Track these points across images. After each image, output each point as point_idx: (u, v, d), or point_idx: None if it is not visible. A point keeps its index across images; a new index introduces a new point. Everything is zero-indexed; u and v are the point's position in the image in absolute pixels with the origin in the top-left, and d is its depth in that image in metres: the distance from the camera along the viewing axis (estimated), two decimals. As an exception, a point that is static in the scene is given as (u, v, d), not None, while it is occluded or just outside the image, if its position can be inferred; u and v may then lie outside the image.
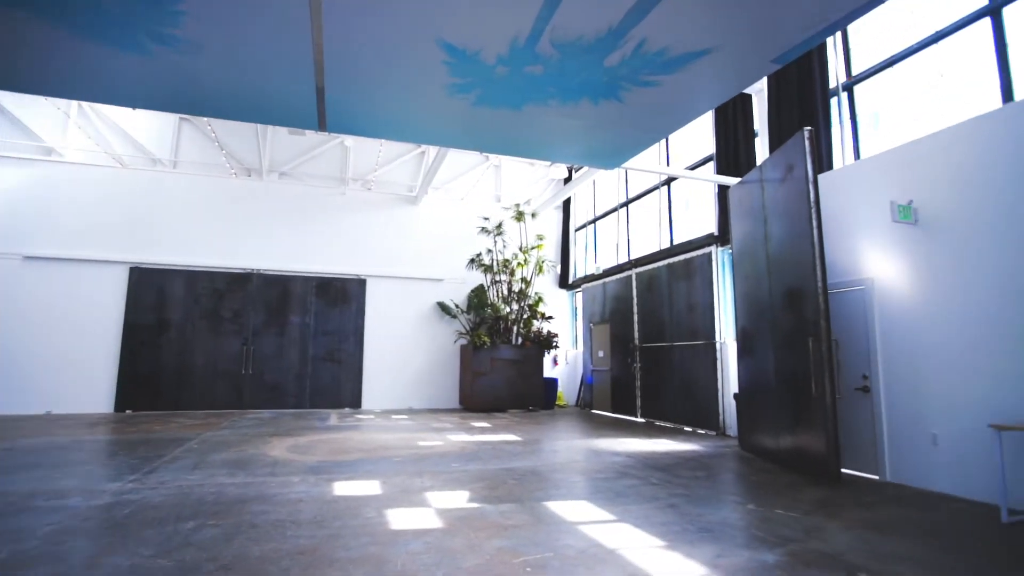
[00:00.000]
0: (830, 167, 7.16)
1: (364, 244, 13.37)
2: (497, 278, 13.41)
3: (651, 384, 10.92)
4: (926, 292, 5.50)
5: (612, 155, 6.64)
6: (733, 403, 8.25)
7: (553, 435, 8.91)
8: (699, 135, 10.50)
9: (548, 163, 14.56)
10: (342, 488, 5.03)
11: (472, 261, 13.37)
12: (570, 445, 7.92)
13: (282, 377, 12.21)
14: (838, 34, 7.56)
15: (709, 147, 9.92)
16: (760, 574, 3.15)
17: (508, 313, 13.14)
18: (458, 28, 3.95)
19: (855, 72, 7.43)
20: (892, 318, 5.81)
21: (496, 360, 12.42)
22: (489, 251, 13.50)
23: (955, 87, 6.27)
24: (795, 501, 4.80)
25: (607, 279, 13.02)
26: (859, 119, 7.33)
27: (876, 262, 6.03)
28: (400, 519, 4.11)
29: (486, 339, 12.33)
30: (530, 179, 15.56)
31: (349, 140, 13.09)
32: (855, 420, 6.11)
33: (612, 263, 13.43)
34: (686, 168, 10.50)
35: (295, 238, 12.80)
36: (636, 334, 11.53)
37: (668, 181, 11.40)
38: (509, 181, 15.35)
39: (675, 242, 11.04)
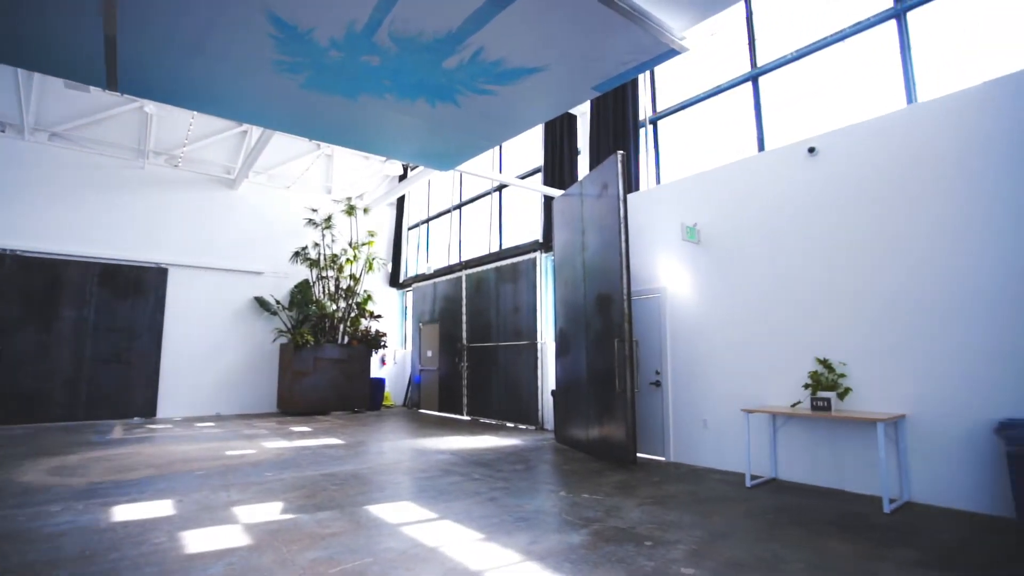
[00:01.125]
0: (637, 188, 8.17)
1: (167, 228, 11.58)
2: (324, 274, 12.66)
3: (477, 383, 11.28)
4: (702, 301, 6.58)
5: (447, 157, 6.73)
6: (551, 399, 8.91)
7: (379, 436, 8.69)
8: (530, 147, 11.16)
9: (383, 159, 14.18)
10: (122, 513, 4.29)
11: (297, 255, 12.44)
12: (396, 446, 7.80)
13: (45, 383, 9.95)
14: (647, 75, 8.66)
15: (539, 159, 10.60)
16: (567, 554, 3.45)
17: (335, 311, 12.49)
18: (289, 1, 3.66)
19: (659, 109, 8.58)
20: (678, 322, 6.83)
21: (320, 360, 11.72)
22: (316, 245, 12.69)
23: (731, 131, 7.60)
24: (599, 485, 5.36)
25: (438, 279, 13.13)
26: (661, 149, 8.48)
27: (668, 273, 7.04)
28: (198, 541, 3.65)
29: (310, 338, 11.56)
30: (364, 173, 14.99)
31: (151, 106, 11.19)
32: (649, 411, 7.04)
33: (444, 264, 13.57)
34: (517, 177, 11.07)
35: (72, 215, 10.56)
36: (464, 334, 11.81)
37: (500, 188, 11.91)
38: (341, 173, 14.60)
39: (504, 246, 11.57)
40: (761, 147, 7.08)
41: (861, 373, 5.13)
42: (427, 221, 15.01)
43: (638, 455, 6.63)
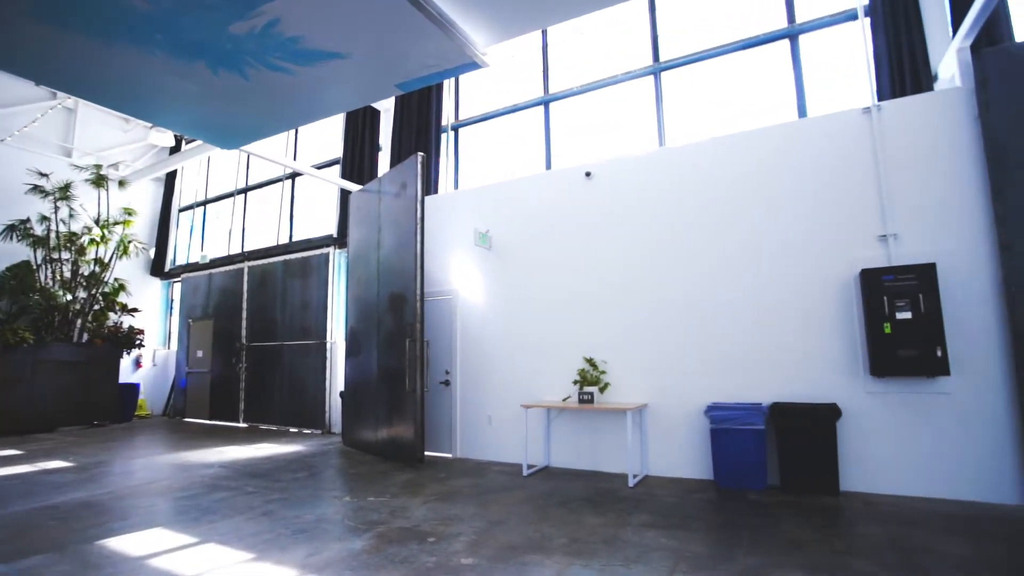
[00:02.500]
0: (436, 191, 8.33)
1: None
2: (55, 255, 10.18)
3: (258, 385, 10.25)
4: (491, 304, 7.01)
5: (231, 134, 6.00)
6: (339, 401, 8.54)
7: (127, 453, 7.31)
8: (330, 137, 10.57)
9: (149, 124, 11.99)
10: None
11: (12, 229, 9.78)
12: (150, 463, 6.65)
13: None
14: (452, 82, 8.91)
15: (338, 150, 10.10)
16: (348, 561, 3.35)
17: (70, 302, 10.12)
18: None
19: (462, 117, 8.89)
20: (469, 323, 7.16)
21: (44, 362, 9.40)
22: (45, 219, 10.15)
23: (526, 148, 8.24)
24: (386, 487, 5.31)
25: (215, 270, 11.60)
26: (461, 156, 8.78)
27: (461, 276, 7.33)
28: None
29: (26, 335, 9.17)
30: (122, 138, 12.48)
31: None
32: (439, 409, 7.22)
33: (223, 253, 12.05)
34: (313, 166, 10.39)
35: None
36: (244, 332, 10.64)
37: (293, 176, 11.03)
38: (89, 133, 11.93)
39: (295, 239, 10.75)
40: (548, 166, 7.83)
41: (619, 370, 6.02)
42: (204, 204, 13.15)
43: (426, 453, 6.75)
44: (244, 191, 12.07)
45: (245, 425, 10.27)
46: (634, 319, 6.00)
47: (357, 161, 9.49)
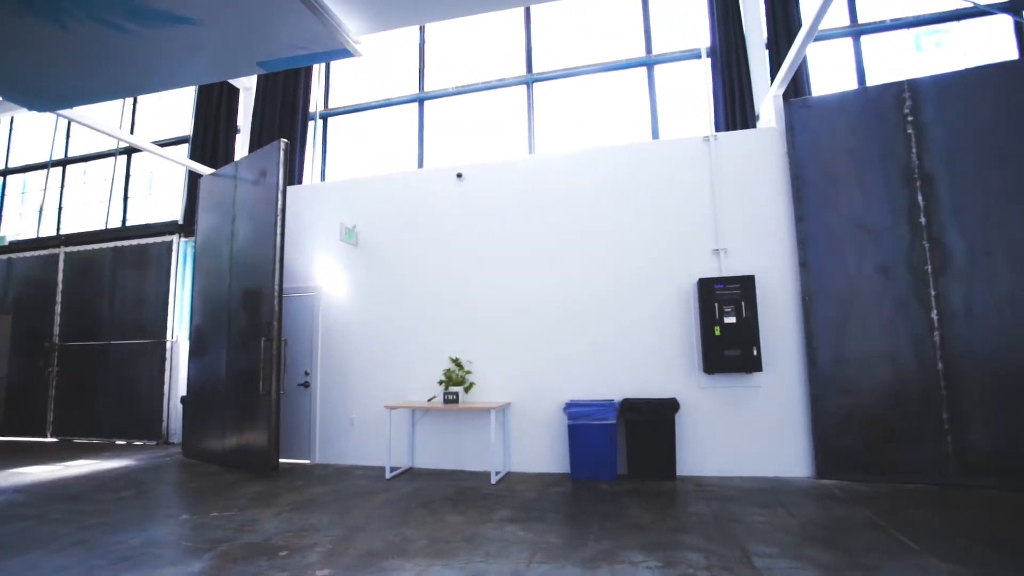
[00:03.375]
0: (300, 181, 7.83)
1: None
2: None
3: (74, 392, 8.78)
4: (357, 303, 6.76)
5: (43, 94, 5.11)
6: (181, 407, 7.64)
7: None
8: (178, 112, 9.42)
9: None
10: None
11: None
12: (-90, 491, 5.37)
13: None
14: (323, 69, 8.43)
15: (187, 128, 9.05)
16: (181, 586, 3.01)
17: None
18: None
19: (332, 105, 8.45)
20: (332, 322, 6.83)
21: None
22: None
23: (399, 144, 8.07)
24: (234, 500, 4.87)
25: (17, 255, 9.72)
26: (329, 146, 8.35)
27: (325, 273, 6.97)
28: None
29: None
30: None
31: None
32: (296, 413, 6.78)
33: (30, 235, 10.15)
34: (154, 143, 9.18)
35: None
36: (58, 329, 9.07)
37: (130, 151, 9.65)
38: None
39: (129, 223, 9.41)
40: (421, 164, 7.76)
41: (484, 370, 6.15)
42: (3, 174, 10.96)
43: (282, 461, 6.30)
44: (63, 163, 10.28)
45: (55, 440, 8.74)
46: (500, 320, 6.17)
47: (210, 142, 8.57)
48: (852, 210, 5.29)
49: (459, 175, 6.58)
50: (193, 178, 8.41)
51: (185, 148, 8.96)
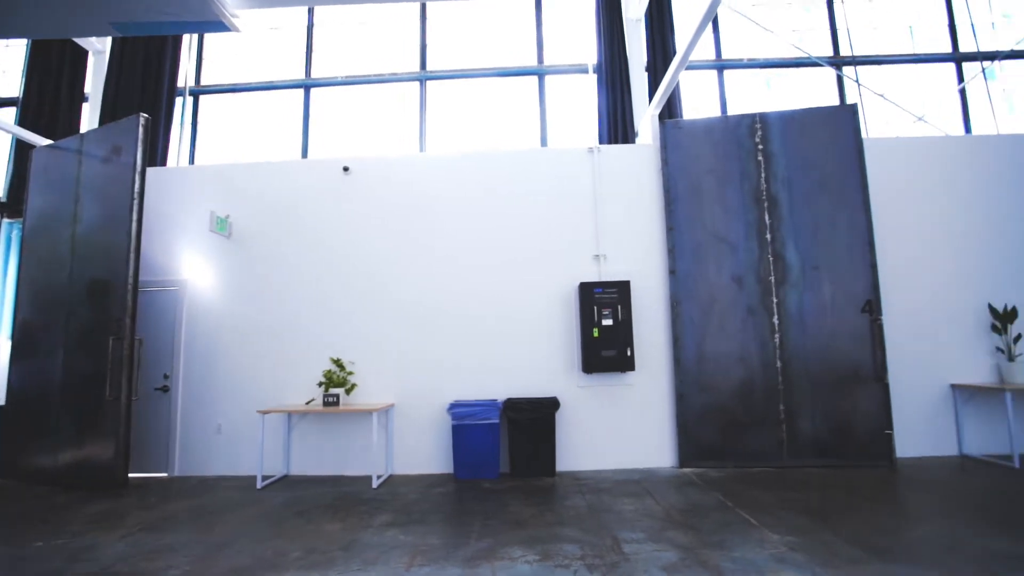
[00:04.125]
0: (163, 163, 7.04)
1: None
2: None
3: None
4: (228, 299, 6.22)
5: None
6: (-1, 417, 6.49)
7: None
8: (3, 69, 8.01)
9: None
10: None
11: None
12: None
13: None
14: (195, 40, 7.65)
15: (15, 88, 7.73)
16: (-6, 627, 2.57)
17: None
18: None
19: (205, 83, 7.69)
20: (199, 320, 6.22)
21: None
22: None
23: (283, 131, 7.55)
24: (67, 524, 4.25)
25: None
26: (200, 127, 7.60)
27: (191, 265, 6.32)
28: None
29: None
30: None
31: None
32: (152, 421, 6.07)
33: None
34: (-30, 103, 7.73)
35: None
36: None
37: (-67, 110, 8.02)
38: None
39: (-68, 198, 7.82)
40: (305, 154, 7.35)
41: (367, 371, 5.96)
42: None
43: (132, 475, 5.61)
44: None
45: None
46: (386, 320, 6.03)
47: (47, 108, 7.39)
48: (714, 224, 5.89)
49: (346, 168, 6.32)
50: (22, 149, 7.19)
51: (12, 112, 7.64)
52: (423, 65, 7.51)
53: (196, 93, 7.65)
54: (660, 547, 3.44)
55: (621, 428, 5.77)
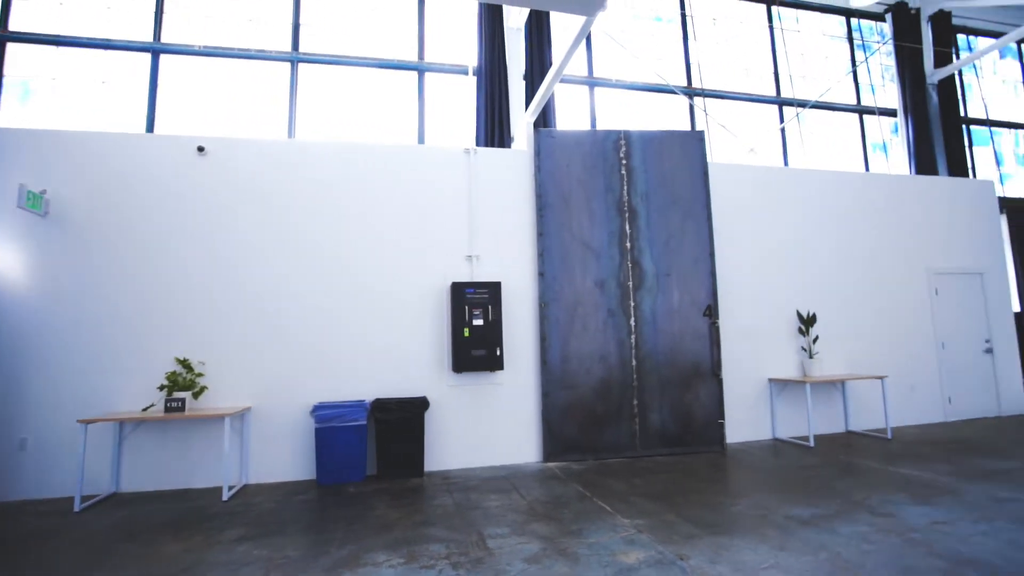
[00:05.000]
0: (-46, 123, 5.79)
1: None
2: None
3: None
4: (43, 290, 5.28)
5: None
6: None
7: None
8: None
9: None
10: None
11: None
12: None
13: None
14: (-2, -25, 6.38)
15: None
16: None
17: None
18: None
19: (14, 28, 6.45)
20: (2, 316, 5.21)
21: None
22: None
23: (125, 99, 6.58)
24: None
25: None
26: (5, 80, 6.37)
27: (-6, 250, 5.27)
28: None
29: None
30: None
31: None
32: (-73, 436, 4.95)
33: None
34: None
35: None
36: None
37: None
38: None
39: None
40: (151, 128, 6.51)
41: (221, 372, 5.43)
42: None
43: None
44: None
45: None
46: (242, 315, 5.55)
47: None
48: (581, 231, 6.27)
49: (200, 148, 5.69)
50: None
51: None
52: (295, 46, 7.03)
53: (3, 40, 6.39)
54: (523, 540, 3.59)
55: (490, 426, 5.91)
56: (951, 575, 2.87)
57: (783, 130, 8.79)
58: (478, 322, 5.76)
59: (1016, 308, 8.72)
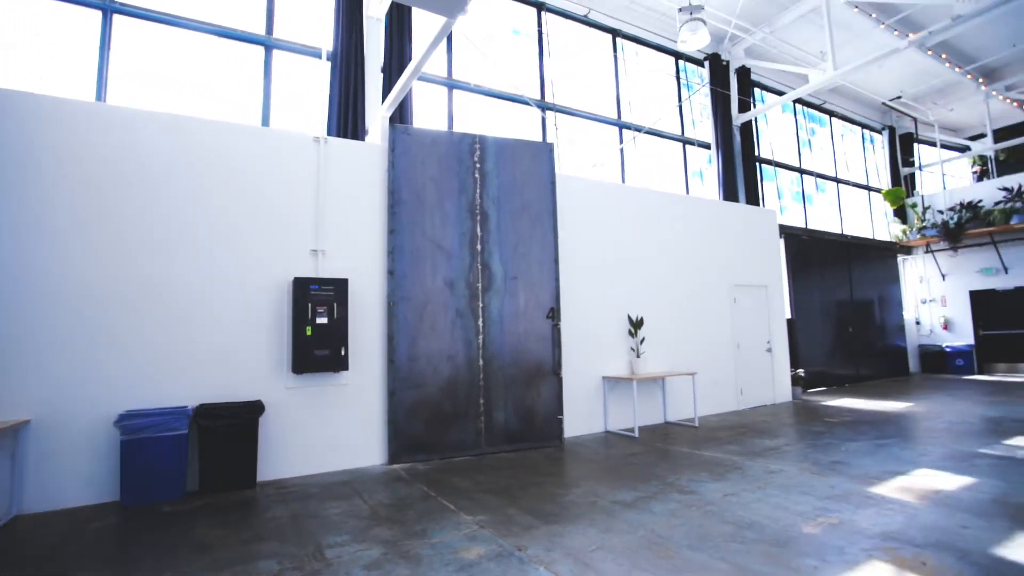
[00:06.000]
0: None
1: None
2: None
3: None
4: None
5: None
6: None
7: None
8: None
9: None
10: None
11: None
12: None
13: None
14: None
15: None
16: None
17: None
18: None
19: None
20: None
21: None
22: None
23: None
24: None
25: None
26: None
27: None
28: None
29: None
30: None
31: None
32: None
33: None
34: None
35: None
36: None
37: None
38: None
39: None
40: None
41: (-15, 377, 4.41)
42: None
43: None
44: None
45: None
46: (26, 308, 4.57)
47: None
48: (433, 231, 6.26)
49: (-37, 100, 4.56)
50: None
51: None
52: (104, -7, 5.98)
53: None
54: (364, 546, 3.47)
55: (333, 429, 5.62)
56: (735, 537, 3.41)
57: (622, 150, 9.71)
58: (322, 320, 5.44)
59: (788, 315, 10.66)
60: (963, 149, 15.75)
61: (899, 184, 15.18)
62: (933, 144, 15.47)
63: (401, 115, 7.00)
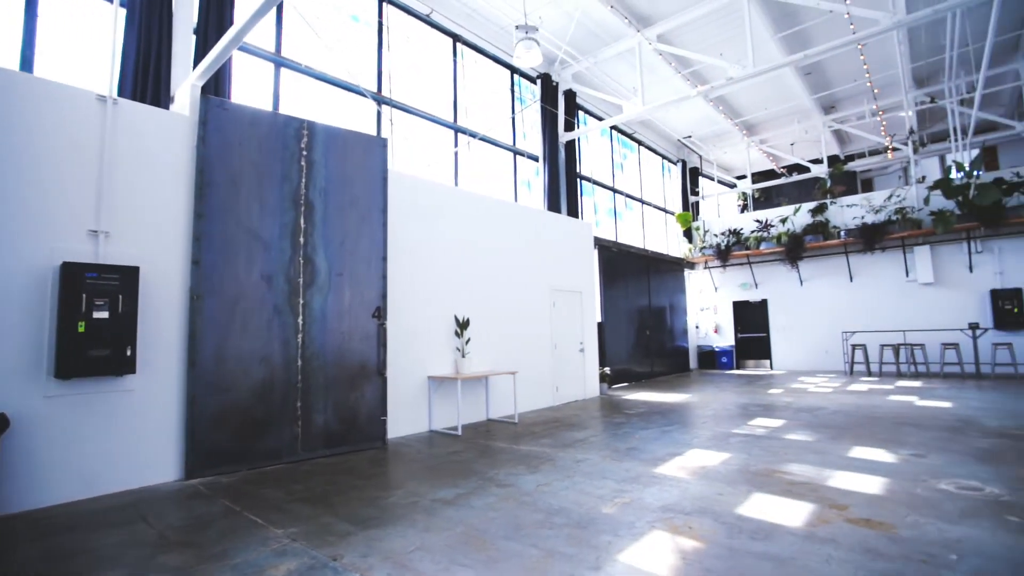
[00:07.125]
0: None
1: None
2: None
3: None
4: None
5: None
6: None
7: None
8: None
9: None
10: None
11: None
12: None
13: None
14: None
15: None
16: None
17: None
18: None
19: None
20: None
21: None
22: None
23: None
24: None
25: None
26: None
27: None
28: None
29: None
30: None
31: None
32: None
33: None
34: None
35: None
36: None
37: None
38: None
39: None
40: None
41: None
42: None
43: None
44: None
45: None
46: None
47: None
48: (250, 219, 5.69)
49: None
50: None
51: None
52: None
53: None
54: (146, 576, 3.02)
55: (114, 444, 4.76)
56: (546, 524, 3.71)
57: (456, 154, 9.88)
58: (102, 315, 4.57)
59: (599, 319, 11.89)
60: (732, 185, 19.21)
61: (688, 209, 17.94)
62: (712, 179, 18.62)
63: (217, 87, 6.22)
